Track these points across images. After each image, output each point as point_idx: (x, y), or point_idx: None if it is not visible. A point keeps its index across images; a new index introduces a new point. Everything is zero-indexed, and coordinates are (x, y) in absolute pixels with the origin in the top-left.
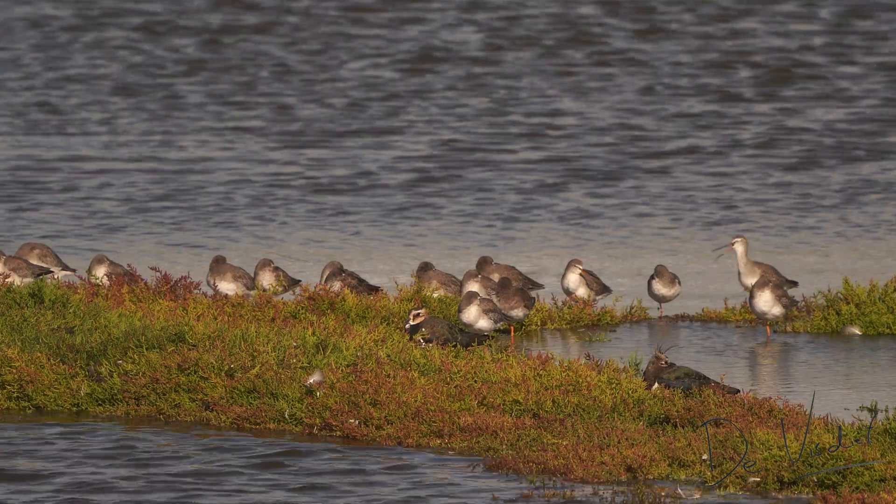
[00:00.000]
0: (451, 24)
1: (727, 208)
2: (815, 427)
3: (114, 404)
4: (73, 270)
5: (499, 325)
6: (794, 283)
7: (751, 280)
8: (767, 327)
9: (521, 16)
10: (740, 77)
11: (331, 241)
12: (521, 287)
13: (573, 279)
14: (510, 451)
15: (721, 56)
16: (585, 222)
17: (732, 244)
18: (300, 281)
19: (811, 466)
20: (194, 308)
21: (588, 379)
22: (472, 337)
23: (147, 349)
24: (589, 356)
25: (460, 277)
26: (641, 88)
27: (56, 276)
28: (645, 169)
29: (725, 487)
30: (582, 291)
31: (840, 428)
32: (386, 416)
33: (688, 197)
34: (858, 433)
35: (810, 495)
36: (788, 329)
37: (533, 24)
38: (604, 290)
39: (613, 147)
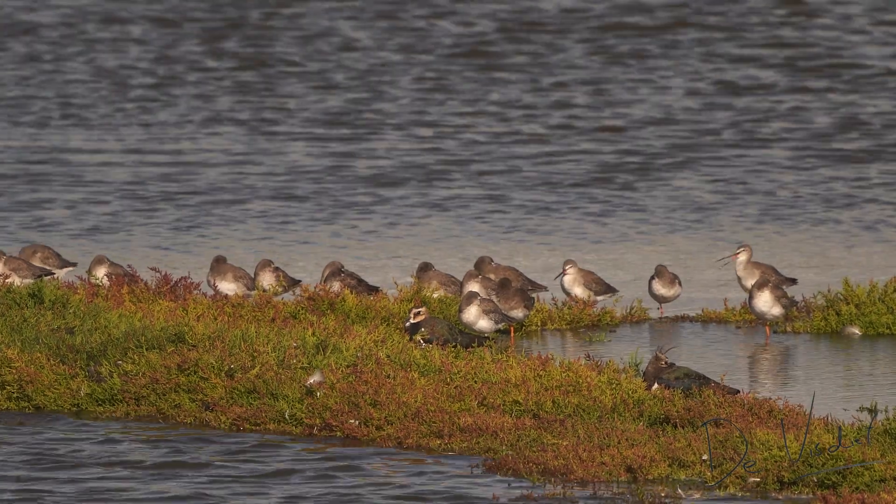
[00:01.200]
0: (491, 13)
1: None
2: (815, 427)
3: (114, 405)
4: (75, 264)
5: (499, 325)
6: (793, 281)
7: (750, 282)
8: (767, 327)
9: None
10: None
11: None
12: (521, 287)
13: (567, 280)
14: (510, 452)
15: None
16: (611, 219)
17: (737, 254)
18: (300, 281)
19: (811, 467)
20: (194, 308)
21: (588, 379)
22: (472, 337)
23: (147, 349)
24: (589, 356)
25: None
26: (686, 85)
27: (57, 277)
28: (677, 164)
29: (725, 488)
30: (579, 291)
31: (840, 428)
32: (386, 417)
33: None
34: (858, 433)
35: (810, 495)
36: (788, 329)
37: (579, 17)
38: (607, 290)
39: (650, 143)
